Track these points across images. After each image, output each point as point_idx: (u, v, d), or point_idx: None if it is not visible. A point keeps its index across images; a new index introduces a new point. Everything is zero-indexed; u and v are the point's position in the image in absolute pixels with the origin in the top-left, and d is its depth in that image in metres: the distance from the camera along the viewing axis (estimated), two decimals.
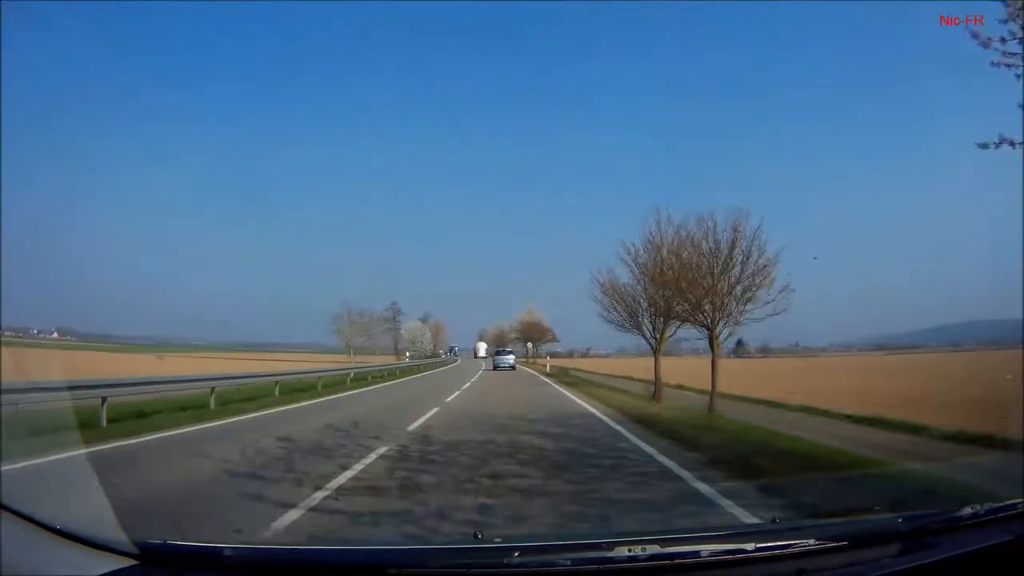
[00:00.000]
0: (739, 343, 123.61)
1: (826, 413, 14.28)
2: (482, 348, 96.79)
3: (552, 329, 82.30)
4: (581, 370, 43.87)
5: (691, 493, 5.90)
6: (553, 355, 75.43)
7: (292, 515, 4.77)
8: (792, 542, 1.96)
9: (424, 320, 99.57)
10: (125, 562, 1.75)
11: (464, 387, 23.89)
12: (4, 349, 17.77)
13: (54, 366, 19.74)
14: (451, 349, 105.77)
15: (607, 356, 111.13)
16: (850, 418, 13.20)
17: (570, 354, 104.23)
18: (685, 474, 6.75)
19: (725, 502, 5.43)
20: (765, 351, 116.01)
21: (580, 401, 17.80)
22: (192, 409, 13.01)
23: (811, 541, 1.97)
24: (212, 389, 14.69)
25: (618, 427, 11.29)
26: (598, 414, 13.87)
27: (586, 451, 8.42)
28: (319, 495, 5.42)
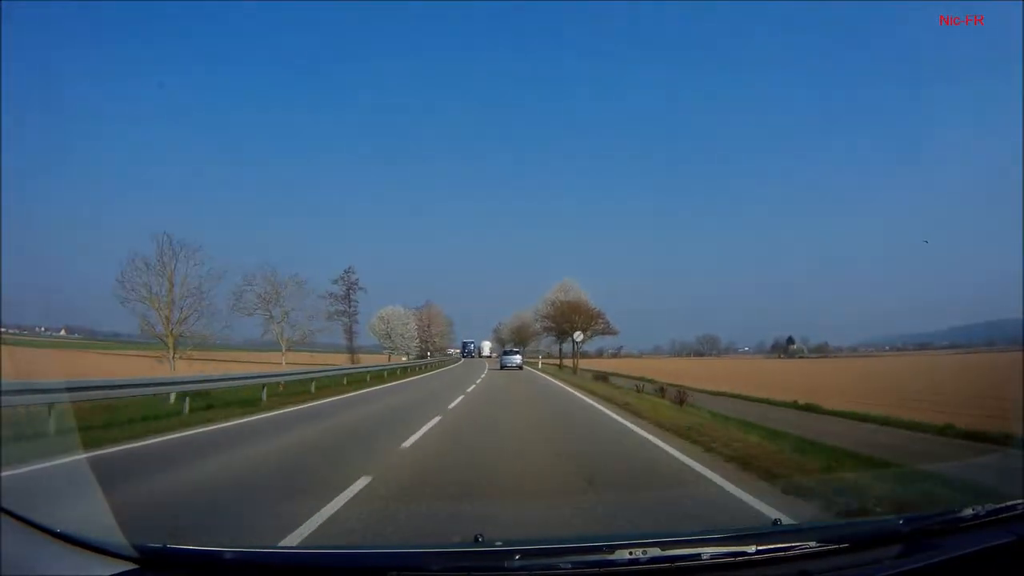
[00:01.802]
0: (790, 340, 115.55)
1: None
2: (487, 347, 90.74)
3: (604, 314, 49.43)
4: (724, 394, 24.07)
5: None
6: (583, 356, 49.38)
7: None
8: (794, 544, 1.96)
9: (425, 307, 74.17)
10: (125, 566, 1.75)
11: None
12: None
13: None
14: (464, 347, 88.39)
15: (640, 356, 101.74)
16: None
17: (599, 354, 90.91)
18: None
19: None
20: (821, 351, 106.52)
21: None
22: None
23: (813, 543, 1.97)
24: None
25: None
26: None
27: None
28: None
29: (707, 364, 75.54)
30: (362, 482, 5.95)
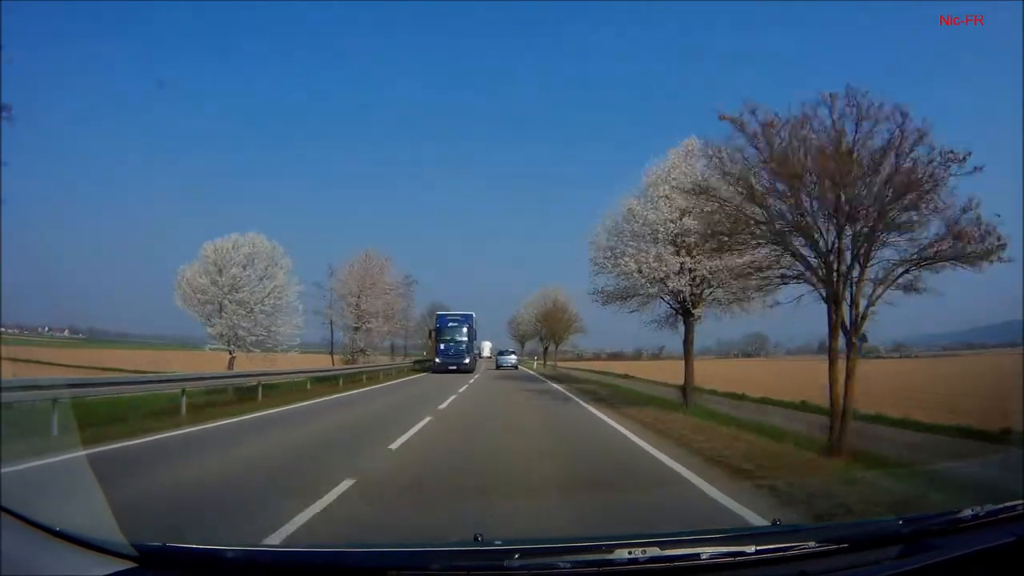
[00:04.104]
0: (863, 337, 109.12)
1: None
2: (487, 348, 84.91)
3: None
4: None
5: None
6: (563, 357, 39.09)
7: None
8: (792, 544, 1.96)
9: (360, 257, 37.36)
10: (124, 564, 1.75)
11: None
12: None
13: None
14: (440, 334, 39.84)
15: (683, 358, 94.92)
16: None
17: (638, 355, 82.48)
18: None
19: None
20: (900, 350, 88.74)
21: None
22: None
23: (812, 544, 1.97)
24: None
25: None
26: None
27: None
28: None
29: (774, 369, 49.79)
30: None
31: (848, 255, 8.65)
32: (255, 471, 7.01)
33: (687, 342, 16.13)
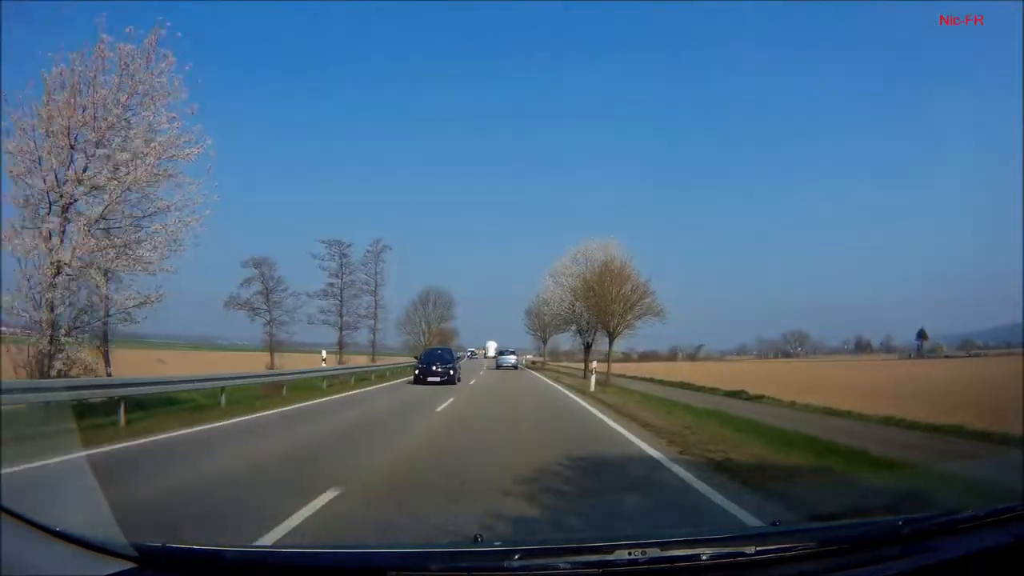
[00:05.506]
0: (921, 333, 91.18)
1: None
2: (492, 347, 77.25)
3: None
4: None
5: None
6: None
7: None
8: (793, 545, 1.97)
9: None
10: (124, 565, 1.75)
11: None
12: None
13: None
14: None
15: (721, 358, 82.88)
16: None
17: (673, 356, 79.38)
18: None
19: None
20: (968, 348, 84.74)
21: None
22: None
23: (812, 544, 1.98)
24: None
25: None
26: None
27: None
28: None
29: (830, 374, 37.46)
30: None
31: None
32: None
33: None
